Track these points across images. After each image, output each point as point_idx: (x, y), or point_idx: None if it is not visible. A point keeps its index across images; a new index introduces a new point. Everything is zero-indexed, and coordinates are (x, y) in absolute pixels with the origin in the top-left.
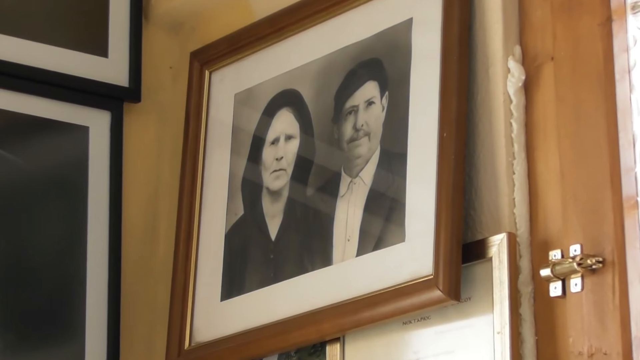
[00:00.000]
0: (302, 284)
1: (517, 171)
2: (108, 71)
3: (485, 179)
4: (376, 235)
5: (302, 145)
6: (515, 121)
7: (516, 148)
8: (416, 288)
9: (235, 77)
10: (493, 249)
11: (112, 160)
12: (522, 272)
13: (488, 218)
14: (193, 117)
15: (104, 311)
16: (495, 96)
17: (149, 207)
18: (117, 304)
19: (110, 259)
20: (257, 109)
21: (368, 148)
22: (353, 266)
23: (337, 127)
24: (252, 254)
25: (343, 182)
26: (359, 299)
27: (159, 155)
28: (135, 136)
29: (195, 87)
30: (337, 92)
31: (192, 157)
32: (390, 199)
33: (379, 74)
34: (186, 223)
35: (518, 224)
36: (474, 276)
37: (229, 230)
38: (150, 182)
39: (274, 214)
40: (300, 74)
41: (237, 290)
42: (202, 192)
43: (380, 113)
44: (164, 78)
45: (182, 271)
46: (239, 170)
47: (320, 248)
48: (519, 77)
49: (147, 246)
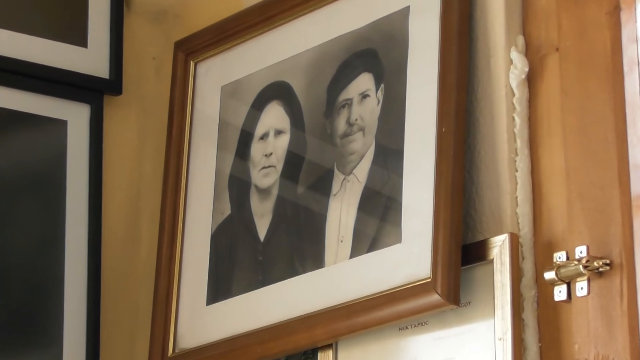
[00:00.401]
0: (293, 288)
1: (519, 168)
2: (87, 62)
3: (486, 177)
4: (371, 235)
5: (293, 141)
6: (518, 115)
7: (519, 144)
8: (413, 292)
9: (222, 68)
10: (494, 250)
11: (92, 156)
12: (525, 275)
13: (489, 218)
14: (177, 110)
15: (83, 316)
16: (497, 89)
17: (131, 206)
18: (96, 309)
19: (90, 261)
20: (245, 102)
21: (362, 144)
22: (346, 268)
23: (329, 122)
24: (239, 255)
25: (336, 179)
26: (352, 304)
27: (141, 151)
28: (116, 131)
29: (179, 79)
30: (329, 84)
31: (176, 153)
32: (386, 197)
33: (374, 66)
34: (170, 223)
35: (521, 224)
36: (474, 279)
37: (215, 230)
38: (132, 179)
39: (263, 213)
40: (291, 65)
41: (224, 294)
42: (186, 190)
43: (375, 106)
44: (147, 69)
45: (166, 274)
46: (226, 167)
47: (311, 249)
48: (522, 69)
49: (128, 247)
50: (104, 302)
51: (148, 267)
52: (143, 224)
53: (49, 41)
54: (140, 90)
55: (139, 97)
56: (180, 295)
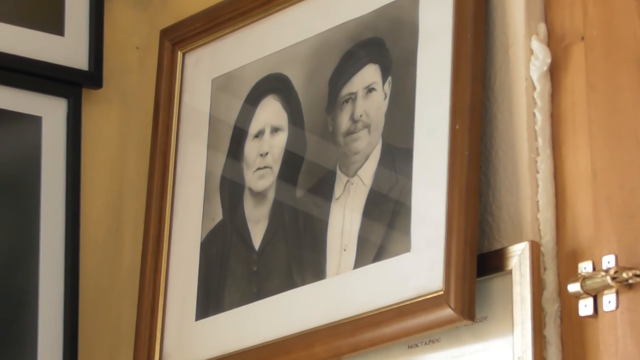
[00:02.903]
0: (291, 301)
1: (541, 170)
2: (64, 52)
3: (504, 179)
4: (377, 244)
5: (291, 139)
6: (540, 111)
7: (540, 143)
8: (424, 306)
9: (212, 59)
10: (513, 260)
11: (69, 156)
12: (547, 288)
13: (507, 224)
14: (163, 105)
15: (59, 332)
16: (516, 82)
17: (112, 211)
18: (74, 324)
19: (67, 272)
20: (238, 96)
21: (368, 142)
22: (350, 280)
23: (331, 118)
24: (232, 265)
25: (338, 182)
26: (356, 319)
27: (124, 151)
28: (95, 128)
29: (166, 71)
30: (331, 76)
31: (162, 152)
32: (394, 201)
33: (381, 56)
34: (155, 229)
35: (542, 232)
36: (490, 292)
37: (206, 238)
38: (113, 182)
39: (258, 219)
40: (289, 55)
41: (215, 308)
42: (173, 193)
43: (382, 101)
44: (130, 60)
45: (150, 286)
46: (217, 168)
47: (311, 259)
48: (544, 60)
49: (109, 256)
50: (82, 317)
51: (131, 278)
52: (125, 231)
53: (21, 29)
54: (122, 83)
55: (121, 90)
56: (166, 310)
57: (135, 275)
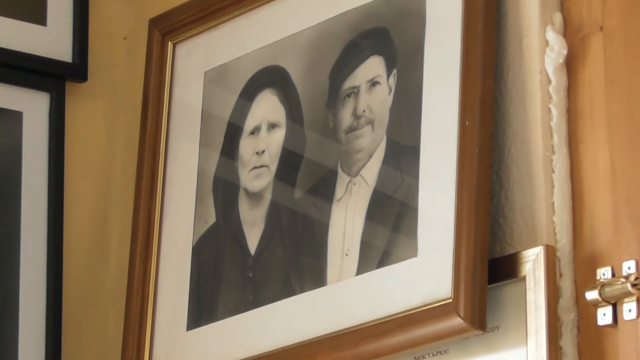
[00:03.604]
0: (289, 310)
1: (557, 169)
2: (46, 43)
3: (517, 179)
4: (381, 248)
5: (289, 136)
6: (555, 107)
7: (556, 140)
8: (431, 314)
9: (205, 50)
10: (527, 265)
11: (52, 154)
12: (563, 295)
13: (521, 227)
14: (152, 100)
15: (41, 342)
16: (530, 75)
17: (98, 213)
18: (57, 333)
19: (49, 277)
20: (233, 90)
21: (371, 140)
22: (352, 287)
23: (332, 114)
24: (226, 271)
25: (340, 182)
26: (359, 328)
27: (110, 148)
28: (80, 124)
29: (155, 63)
30: (332, 69)
31: (151, 150)
32: (399, 203)
33: (385, 47)
34: (143, 233)
35: (558, 235)
36: (503, 300)
37: (198, 242)
38: (99, 181)
39: (254, 222)
40: (287, 46)
41: (207, 317)
42: (163, 194)
43: (386, 96)
44: (116, 52)
45: (139, 293)
46: (210, 167)
47: (311, 265)
48: (560, 52)
49: (94, 261)
50: (65, 326)
51: (117, 284)
52: (112, 234)
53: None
54: (108, 77)
55: (107, 84)
56: (155, 319)
57: (123, 281)
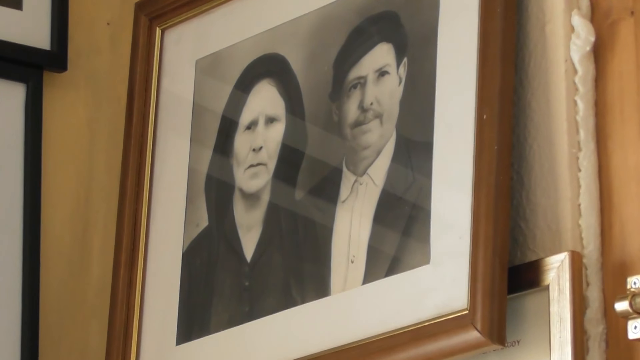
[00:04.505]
0: (289, 322)
1: (583, 167)
2: (22, 28)
3: (540, 179)
4: (390, 254)
5: (289, 131)
6: (582, 99)
7: (582, 136)
8: (445, 327)
9: (196, 36)
10: (551, 274)
11: (28, 150)
12: (591, 306)
13: (544, 232)
14: (139, 91)
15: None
16: (554, 65)
17: (78, 214)
18: (34, 349)
19: (25, 287)
20: (227, 80)
21: (379, 135)
22: (359, 297)
23: (336, 106)
24: (219, 280)
25: (345, 181)
26: (367, 342)
27: (92, 144)
28: (59, 118)
29: (141, 51)
30: (336, 58)
31: (138, 146)
32: (410, 204)
33: (395, 34)
34: (129, 238)
35: (585, 240)
36: (524, 311)
37: (188, 247)
38: (79, 180)
39: (250, 226)
40: (287, 33)
41: (199, 330)
42: (150, 195)
43: (396, 87)
44: (99, 38)
45: (123, 303)
46: (202, 165)
47: (313, 272)
48: (587, 39)
49: (75, 268)
50: (43, 340)
51: (100, 294)
52: (94, 239)
53: None
54: (90, 66)
55: (89, 74)
56: (142, 332)
57: (106, 291)
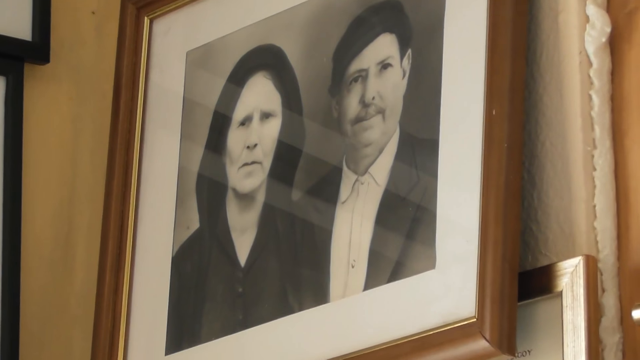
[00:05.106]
0: (286, 331)
1: (599, 166)
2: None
3: (553, 178)
4: (393, 259)
5: (286, 127)
6: (597, 93)
7: (598, 133)
8: (452, 336)
9: (187, 26)
10: (564, 279)
11: (7, 147)
12: (606, 314)
13: (557, 235)
14: (126, 85)
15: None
16: (567, 57)
17: (61, 216)
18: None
19: (4, 293)
20: (220, 73)
21: (382, 132)
22: (360, 304)
23: (336, 101)
24: (211, 286)
25: (345, 181)
26: (368, 353)
27: (76, 141)
28: (41, 112)
29: (128, 42)
30: (336, 49)
31: (124, 143)
32: (415, 206)
33: (399, 24)
34: (115, 241)
35: (600, 244)
36: (535, 319)
37: (178, 251)
38: (62, 179)
39: (244, 228)
40: (284, 23)
41: (190, 339)
42: (138, 195)
43: (399, 80)
44: (84, 28)
45: (109, 311)
46: (193, 163)
47: (311, 278)
48: (602, 30)
49: (57, 274)
50: (23, 348)
51: (85, 301)
52: (78, 241)
53: None
54: (74, 57)
55: (73, 66)
56: (129, 341)
57: (90, 297)
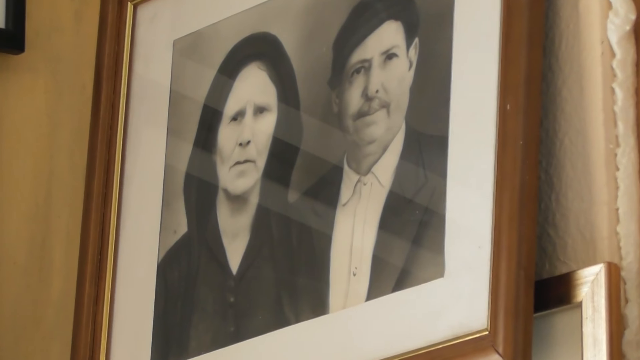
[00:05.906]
0: (281, 344)
1: (622, 166)
2: None
3: (572, 179)
4: (398, 266)
5: (282, 123)
6: (620, 86)
7: (621, 129)
8: (462, 350)
9: (174, 13)
10: (584, 289)
11: None
12: (630, 326)
13: (576, 240)
14: (107, 76)
15: None
16: (588, 47)
17: (36, 219)
18: None
19: None
20: (210, 64)
21: (386, 128)
22: (362, 315)
23: (337, 94)
24: (201, 295)
25: (346, 181)
26: None
27: (53, 137)
28: (15, 105)
29: (110, 30)
30: (337, 38)
31: (105, 140)
32: (422, 208)
33: (405, 10)
34: (95, 246)
35: (623, 250)
36: (553, 332)
37: (164, 257)
38: (38, 179)
39: (236, 233)
40: (279, 9)
41: (177, 353)
42: (120, 196)
43: (405, 72)
44: (61, 15)
45: (89, 323)
46: (181, 162)
47: (309, 287)
48: (626, 17)
49: (32, 282)
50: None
51: (62, 312)
52: (55, 247)
53: None
54: (51, 47)
55: (50, 56)
56: (110, 355)
57: (69, 307)
